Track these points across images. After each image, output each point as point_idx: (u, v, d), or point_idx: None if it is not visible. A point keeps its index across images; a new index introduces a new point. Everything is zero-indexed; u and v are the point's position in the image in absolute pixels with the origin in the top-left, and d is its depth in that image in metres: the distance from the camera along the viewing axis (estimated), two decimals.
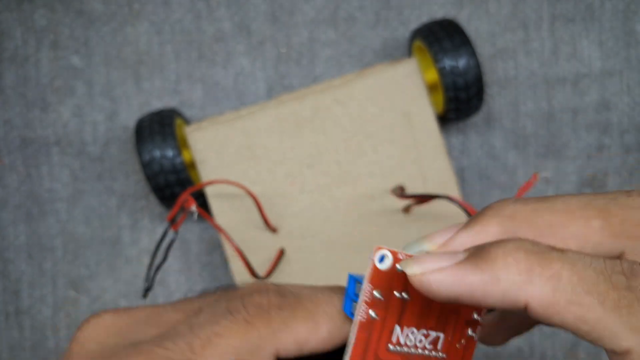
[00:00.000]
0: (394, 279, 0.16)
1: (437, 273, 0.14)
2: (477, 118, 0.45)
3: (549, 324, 0.14)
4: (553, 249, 0.14)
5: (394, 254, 0.16)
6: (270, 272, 0.36)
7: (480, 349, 0.44)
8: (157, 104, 0.46)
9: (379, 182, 0.39)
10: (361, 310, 0.16)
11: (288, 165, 0.39)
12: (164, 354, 0.16)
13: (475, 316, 0.18)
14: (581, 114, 0.46)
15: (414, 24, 0.46)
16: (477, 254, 0.15)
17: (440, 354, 0.18)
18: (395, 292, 0.17)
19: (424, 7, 0.46)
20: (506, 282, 0.14)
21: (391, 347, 0.17)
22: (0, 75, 0.46)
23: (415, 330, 0.17)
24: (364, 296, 0.16)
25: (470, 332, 0.18)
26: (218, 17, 0.46)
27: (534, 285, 0.14)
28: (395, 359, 0.18)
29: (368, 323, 0.16)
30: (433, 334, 0.18)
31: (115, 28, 0.46)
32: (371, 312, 0.16)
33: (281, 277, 0.38)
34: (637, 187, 0.46)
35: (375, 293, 0.16)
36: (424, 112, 0.39)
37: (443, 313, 0.18)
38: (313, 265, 0.38)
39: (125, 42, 0.46)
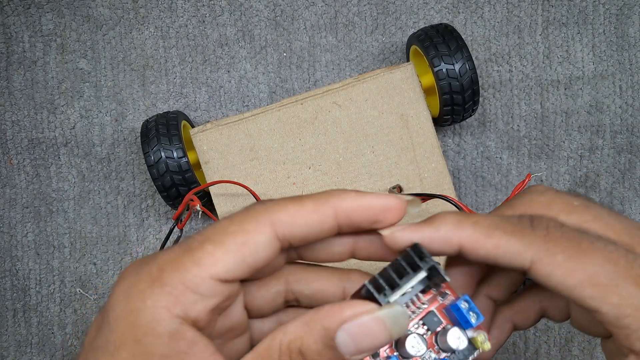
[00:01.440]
0: None
1: (400, 231, 0.21)
2: (472, 120, 0.46)
3: (477, 258, 0.20)
4: (472, 213, 0.22)
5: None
6: None
7: None
8: (162, 107, 0.46)
9: (377, 182, 0.39)
10: None
11: (289, 166, 0.39)
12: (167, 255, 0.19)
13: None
14: (574, 116, 0.46)
15: (411, 29, 0.46)
16: (426, 219, 0.21)
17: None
18: None
19: (421, 13, 0.46)
20: (444, 230, 0.20)
21: None
22: (9, 78, 0.47)
23: None
24: None
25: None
26: (222, 22, 0.47)
27: (463, 229, 0.20)
28: None
29: None
30: None
31: (122, 32, 0.47)
32: None
33: None
34: (623, 190, 0.46)
35: None
36: (420, 114, 0.39)
37: None
38: None
39: (132, 46, 0.47)
